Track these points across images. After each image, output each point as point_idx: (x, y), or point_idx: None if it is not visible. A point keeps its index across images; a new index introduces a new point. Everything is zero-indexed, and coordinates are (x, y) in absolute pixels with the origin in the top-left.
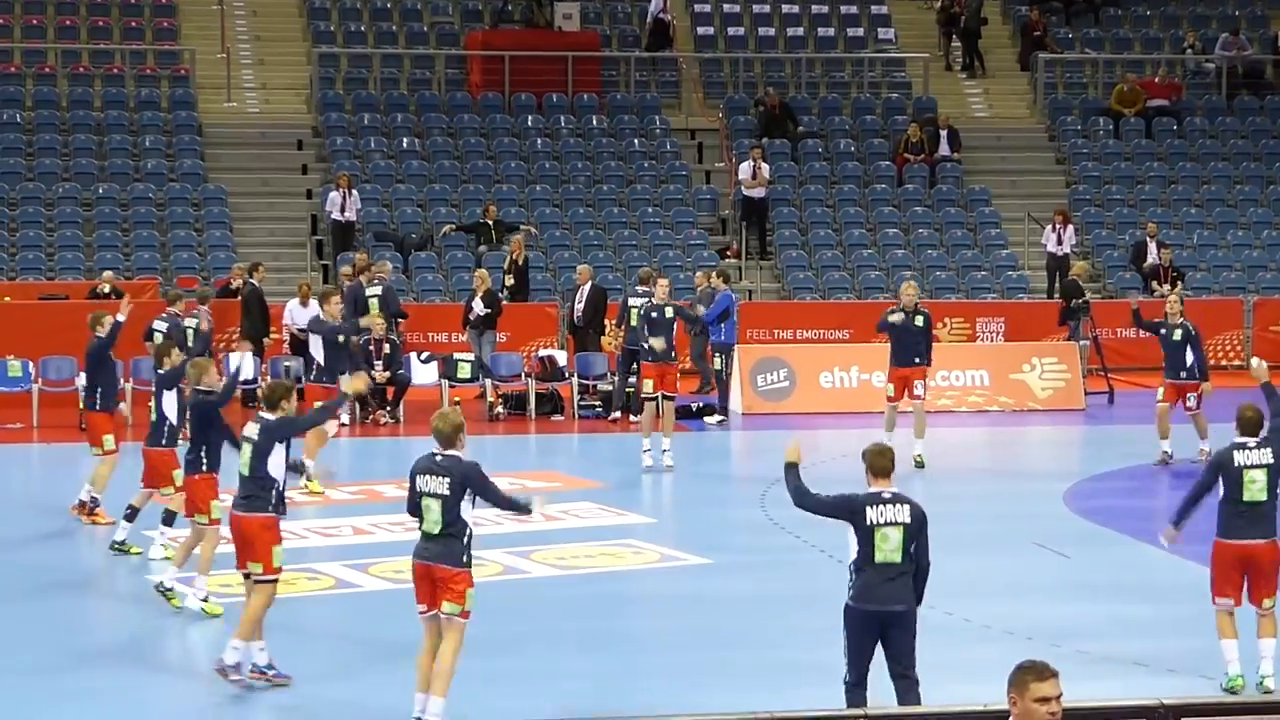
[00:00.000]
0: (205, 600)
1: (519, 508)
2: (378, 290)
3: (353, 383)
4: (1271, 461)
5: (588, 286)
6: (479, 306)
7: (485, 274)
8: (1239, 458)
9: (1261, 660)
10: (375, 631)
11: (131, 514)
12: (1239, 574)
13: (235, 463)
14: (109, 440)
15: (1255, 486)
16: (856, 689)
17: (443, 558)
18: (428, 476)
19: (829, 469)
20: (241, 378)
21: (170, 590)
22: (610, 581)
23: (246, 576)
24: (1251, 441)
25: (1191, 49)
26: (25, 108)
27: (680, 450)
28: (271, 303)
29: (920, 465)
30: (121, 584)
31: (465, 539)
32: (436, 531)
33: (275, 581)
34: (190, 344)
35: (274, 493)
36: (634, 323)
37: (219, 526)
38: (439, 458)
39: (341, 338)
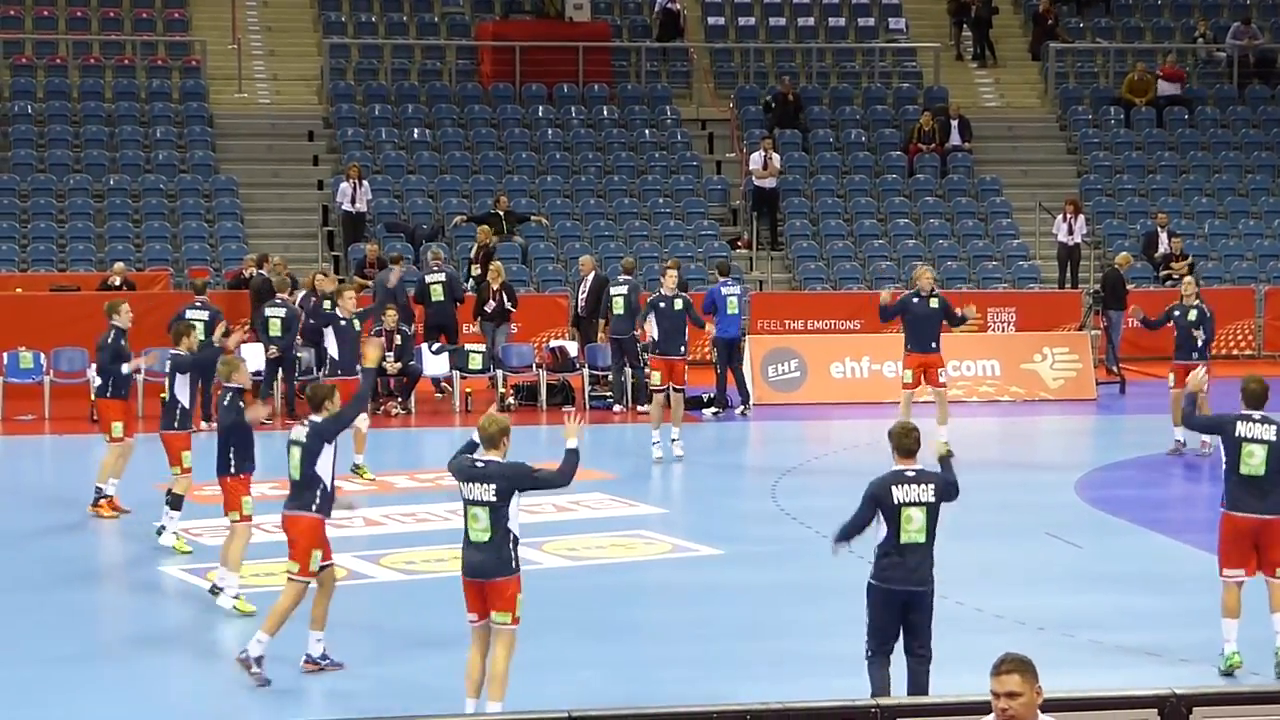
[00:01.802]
0: (238, 598)
1: (569, 471)
2: (440, 277)
3: (368, 353)
4: (1273, 439)
5: (591, 277)
6: (506, 301)
7: (500, 266)
8: (1240, 428)
9: (1276, 635)
10: (388, 621)
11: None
12: (1248, 545)
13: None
14: (118, 428)
15: (1253, 460)
16: (877, 660)
17: (494, 570)
18: (471, 484)
19: (840, 460)
20: (249, 369)
21: (238, 596)
22: (621, 572)
23: (316, 570)
24: (1256, 414)
25: (1203, 38)
26: (36, 99)
27: (692, 440)
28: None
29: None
30: (136, 574)
31: (513, 545)
32: (486, 539)
33: (307, 584)
34: (281, 333)
35: (320, 493)
36: (617, 311)
37: (250, 523)
38: (479, 463)
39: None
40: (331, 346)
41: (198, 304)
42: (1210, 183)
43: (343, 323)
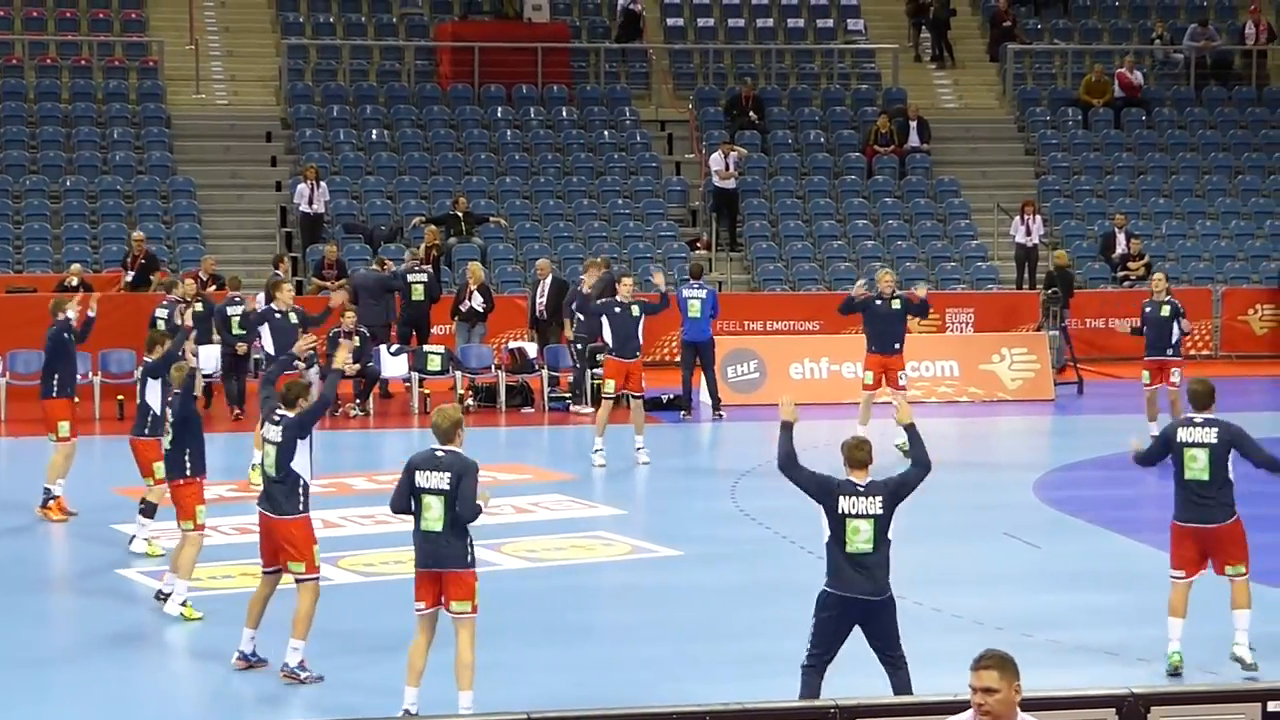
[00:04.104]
0: (185, 604)
1: (474, 515)
2: (422, 276)
3: (337, 355)
4: (1214, 442)
5: (548, 280)
6: (478, 302)
7: (478, 267)
8: (1182, 434)
9: (1236, 631)
10: (347, 624)
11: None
12: (1196, 551)
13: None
14: (64, 427)
15: (1196, 465)
16: (811, 672)
17: (449, 560)
18: (428, 472)
19: (800, 461)
20: (203, 371)
21: (185, 603)
22: (581, 574)
23: (273, 572)
24: (1198, 418)
25: (1160, 39)
26: None
27: (650, 443)
28: (245, 294)
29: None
30: (96, 578)
31: (468, 536)
32: (439, 529)
33: (317, 579)
34: (244, 330)
35: (302, 492)
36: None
37: (203, 532)
38: (439, 453)
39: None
40: (267, 342)
41: (164, 304)
42: (1168, 183)
43: (277, 316)
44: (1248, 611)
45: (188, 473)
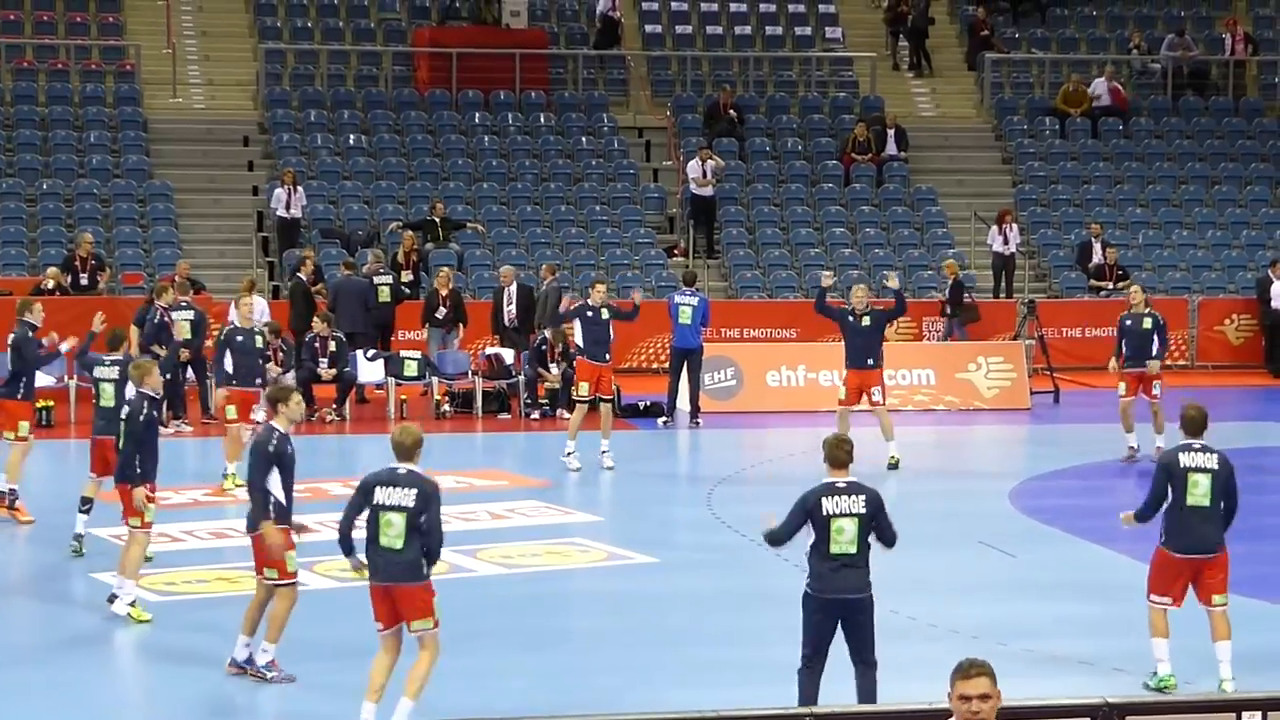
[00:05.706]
0: (133, 605)
1: (434, 559)
2: (388, 279)
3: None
4: (1215, 468)
5: (513, 287)
6: (454, 310)
7: (448, 272)
8: (1184, 459)
9: (1220, 664)
10: (322, 631)
11: (86, 506)
12: (1185, 581)
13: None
14: (24, 426)
15: (1198, 490)
16: (809, 672)
17: (404, 575)
18: (390, 489)
19: (777, 468)
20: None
21: (133, 603)
22: (557, 580)
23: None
24: (1196, 443)
25: (1137, 49)
26: None
27: (627, 449)
28: (218, 299)
29: (895, 466)
30: (47, 581)
31: (424, 554)
32: (399, 546)
33: (293, 585)
34: (191, 335)
35: (274, 508)
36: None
37: (150, 530)
38: (401, 470)
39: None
40: (228, 363)
41: (152, 307)
42: (1144, 193)
43: (239, 339)
44: (1229, 643)
45: (139, 477)
